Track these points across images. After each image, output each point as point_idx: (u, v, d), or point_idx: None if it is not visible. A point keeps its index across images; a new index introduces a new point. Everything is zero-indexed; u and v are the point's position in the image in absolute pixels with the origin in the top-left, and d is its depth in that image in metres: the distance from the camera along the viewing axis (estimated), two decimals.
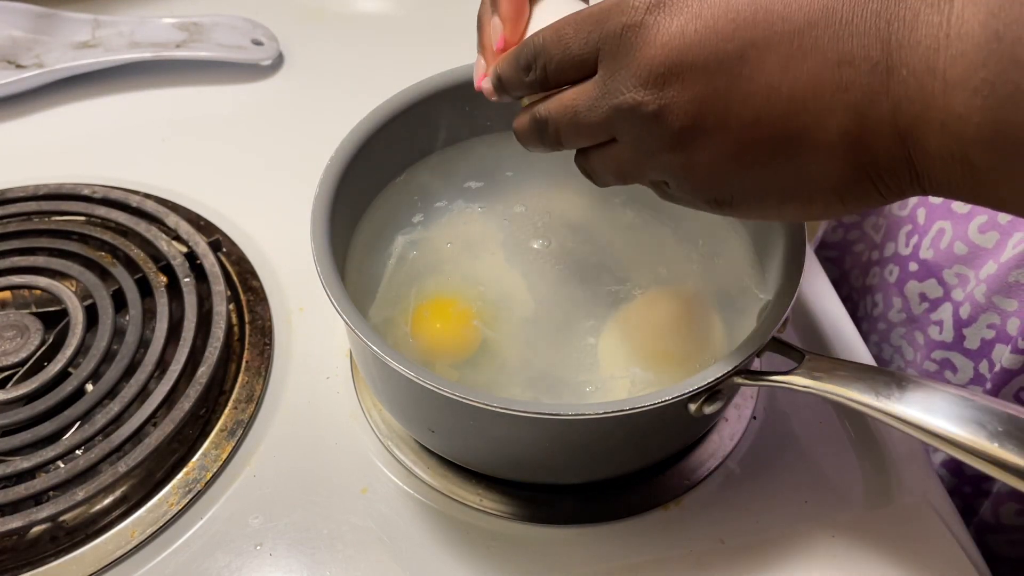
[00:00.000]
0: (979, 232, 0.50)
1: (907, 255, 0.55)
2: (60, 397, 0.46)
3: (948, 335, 0.52)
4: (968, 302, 0.50)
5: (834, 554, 0.43)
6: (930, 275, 0.53)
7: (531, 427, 0.38)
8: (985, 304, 0.49)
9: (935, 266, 0.53)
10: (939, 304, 0.53)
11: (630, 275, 0.46)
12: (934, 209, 0.53)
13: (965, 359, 0.52)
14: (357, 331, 0.37)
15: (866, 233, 0.63)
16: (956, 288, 0.52)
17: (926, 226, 0.53)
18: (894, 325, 0.58)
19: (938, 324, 0.53)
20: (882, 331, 0.59)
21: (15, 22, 0.67)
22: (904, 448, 0.47)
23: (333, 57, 0.70)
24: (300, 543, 0.43)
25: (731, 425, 0.47)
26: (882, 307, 0.59)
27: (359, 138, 0.44)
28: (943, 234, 0.52)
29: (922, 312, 0.55)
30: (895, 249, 0.57)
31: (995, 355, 0.50)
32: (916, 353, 0.56)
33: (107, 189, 0.57)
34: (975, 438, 0.33)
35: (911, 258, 0.55)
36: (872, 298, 0.60)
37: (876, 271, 0.60)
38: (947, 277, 0.52)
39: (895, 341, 0.58)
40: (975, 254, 0.50)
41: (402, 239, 0.47)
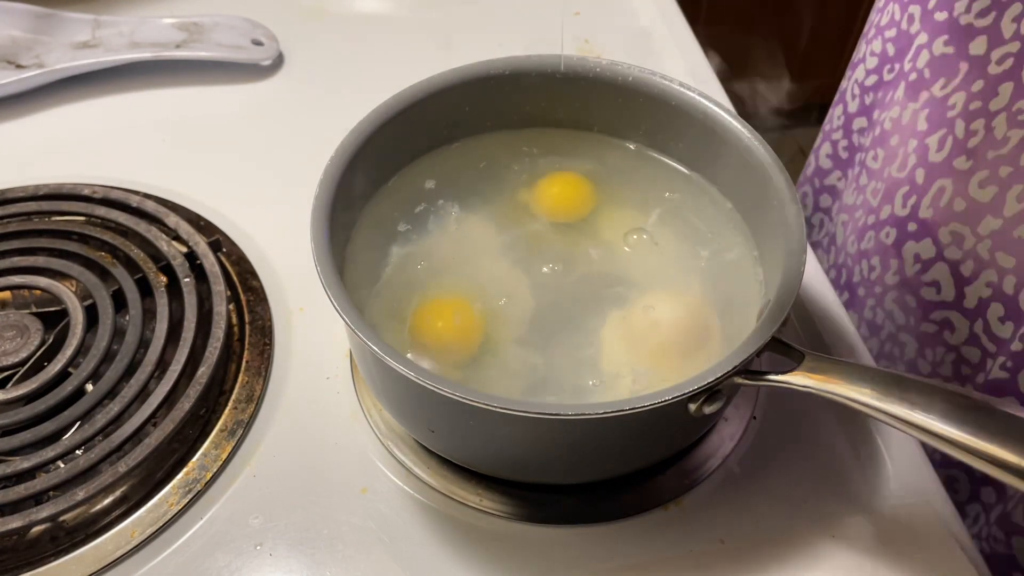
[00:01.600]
0: (979, 187, 0.49)
1: (905, 216, 0.55)
2: (60, 397, 0.46)
3: (949, 294, 0.52)
4: (971, 259, 0.50)
5: (834, 554, 0.43)
6: (927, 235, 0.53)
7: (531, 427, 0.38)
8: (988, 260, 0.49)
9: (933, 225, 0.52)
10: (931, 265, 0.53)
11: (630, 275, 0.46)
12: (934, 168, 0.53)
13: (963, 318, 0.52)
14: (357, 331, 0.37)
15: (866, 199, 0.62)
16: (950, 247, 0.51)
17: (925, 185, 0.53)
18: (889, 288, 0.58)
19: (933, 285, 0.53)
20: (878, 295, 0.59)
21: (15, 22, 0.67)
22: (904, 448, 0.47)
23: (333, 57, 0.70)
24: (300, 543, 0.43)
25: (731, 425, 0.47)
26: (879, 270, 0.59)
27: (359, 138, 0.44)
28: (943, 192, 0.51)
29: (914, 274, 0.54)
30: (891, 211, 0.57)
31: (990, 314, 0.49)
32: (908, 317, 0.56)
33: (107, 189, 0.57)
34: (975, 438, 0.33)
35: (910, 218, 0.55)
36: (868, 262, 0.60)
37: (871, 235, 0.59)
38: (941, 235, 0.52)
39: (887, 305, 0.58)
40: (973, 210, 0.50)
41: (403, 239, 0.47)
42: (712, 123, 0.46)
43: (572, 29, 0.72)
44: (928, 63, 0.53)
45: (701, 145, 0.47)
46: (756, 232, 0.46)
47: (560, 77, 0.48)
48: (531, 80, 0.48)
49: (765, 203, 0.43)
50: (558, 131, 0.51)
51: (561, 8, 0.74)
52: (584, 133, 0.51)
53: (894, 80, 0.58)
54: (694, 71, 0.68)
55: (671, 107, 0.47)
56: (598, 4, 0.74)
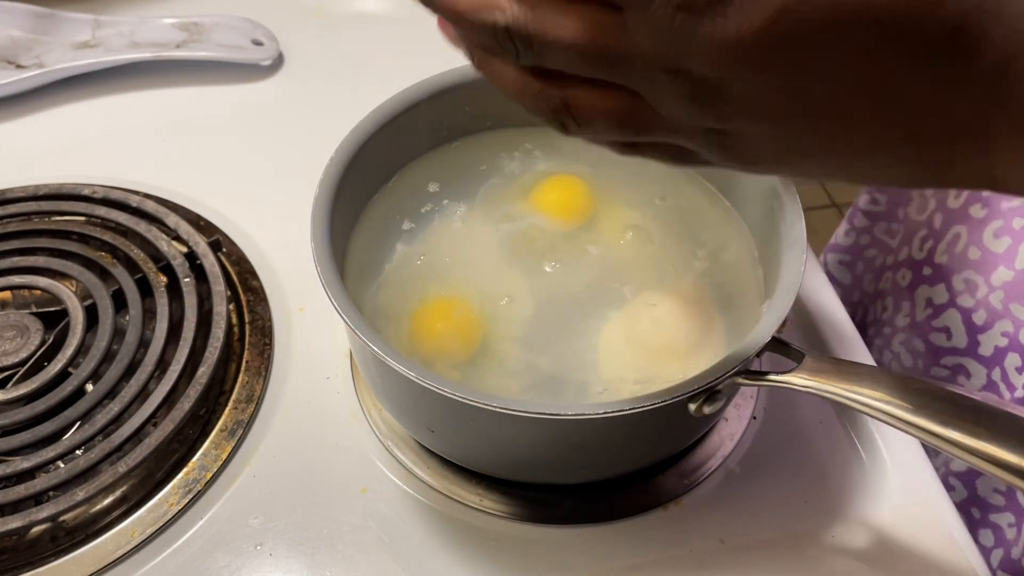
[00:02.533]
0: (993, 237, 0.50)
1: (921, 259, 0.55)
2: (60, 397, 0.46)
3: (961, 340, 0.52)
4: (983, 308, 0.50)
5: (834, 554, 0.43)
6: (941, 280, 0.53)
7: (531, 427, 0.38)
8: (1001, 311, 0.49)
9: (947, 271, 0.52)
10: (943, 311, 0.53)
11: (630, 275, 0.46)
12: (951, 214, 0.53)
13: (979, 365, 0.52)
14: (357, 331, 0.37)
15: (878, 238, 0.63)
16: (963, 294, 0.52)
17: (942, 231, 0.53)
18: (897, 330, 0.58)
19: (943, 331, 0.53)
20: (886, 335, 0.59)
21: (15, 22, 0.67)
22: (904, 448, 0.47)
23: (333, 57, 0.70)
24: (300, 543, 0.43)
25: (731, 425, 0.47)
26: (891, 311, 0.58)
27: (359, 138, 0.44)
28: (958, 239, 0.52)
29: (924, 318, 0.54)
30: (909, 253, 0.57)
31: (1007, 363, 0.49)
32: (916, 360, 0.56)
33: (107, 189, 0.57)
34: (975, 438, 0.33)
35: (925, 262, 0.55)
36: (882, 302, 0.60)
37: (889, 275, 0.59)
38: (956, 283, 0.52)
39: (895, 347, 0.58)
40: (986, 259, 0.50)
41: (402, 239, 0.47)
42: None
43: None
44: None
45: None
46: (756, 232, 0.46)
47: None
48: None
49: (764, 203, 0.43)
50: None
51: None
52: None
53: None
54: None
55: None
56: None
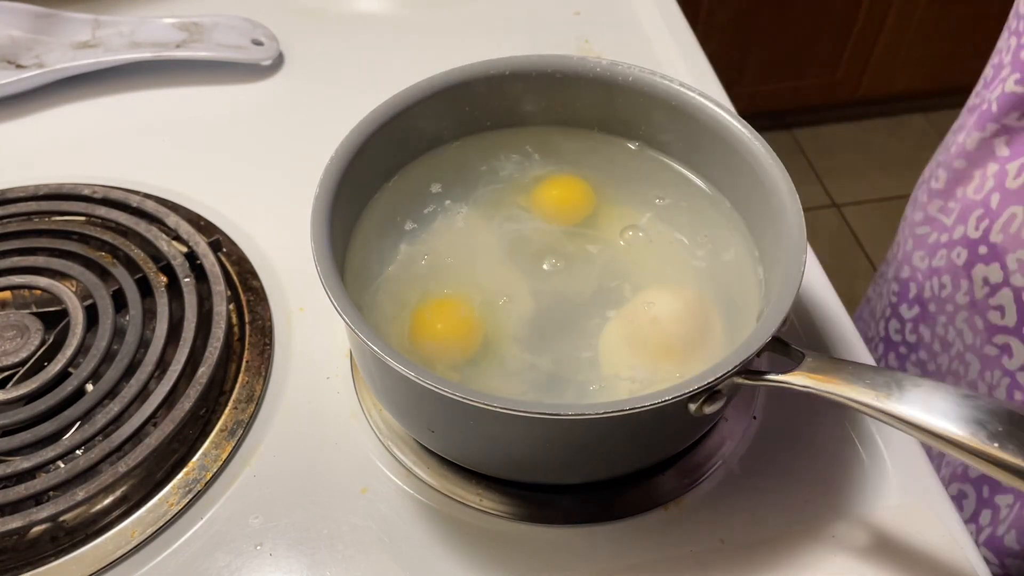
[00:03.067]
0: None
1: (976, 238, 0.56)
2: (60, 397, 0.46)
3: (1011, 319, 0.53)
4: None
5: (834, 554, 0.43)
6: (995, 259, 0.54)
7: (531, 427, 0.38)
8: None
9: (1002, 250, 0.54)
10: (999, 289, 0.54)
11: (630, 274, 0.46)
12: (1008, 194, 0.54)
13: (1022, 344, 0.53)
14: (357, 331, 0.37)
15: (931, 216, 0.63)
16: (1016, 273, 0.53)
17: (998, 210, 0.54)
18: (959, 308, 0.59)
19: (998, 309, 0.54)
20: (949, 312, 0.60)
21: (15, 22, 0.67)
22: (904, 448, 0.47)
23: (333, 57, 0.70)
24: (300, 543, 0.43)
25: (731, 425, 0.47)
26: (950, 289, 0.60)
27: (359, 138, 0.44)
28: (1014, 219, 0.53)
29: (983, 297, 0.56)
30: (964, 232, 0.58)
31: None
32: (976, 337, 0.57)
33: (107, 189, 0.57)
34: (975, 438, 0.33)
35: (981, 241, 0.56)
36: (939, 279, 0.61)
37: (944, 253, 0.60)
38: (1009, 262, 0.53)
39: (959, 324, 0.59)
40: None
41: (402, 239, 0.47)
42: (712, 123, 0.46)
43: (572, 29, 0.72)
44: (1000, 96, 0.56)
45: (701, 145, 0.47)
46: (756, 232, 0.46)
47: (560, 77, 0.48)
48: (531, 80, 0.48)
49: (765, 203, 0.43)
50: (558, 130, 0.51)
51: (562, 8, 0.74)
52: (584, 132, 0.51)
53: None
54: (694, 71, 0.68)
55: (671, 107, 0.47)
56: (598, 4, 0.74)
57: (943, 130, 0.66)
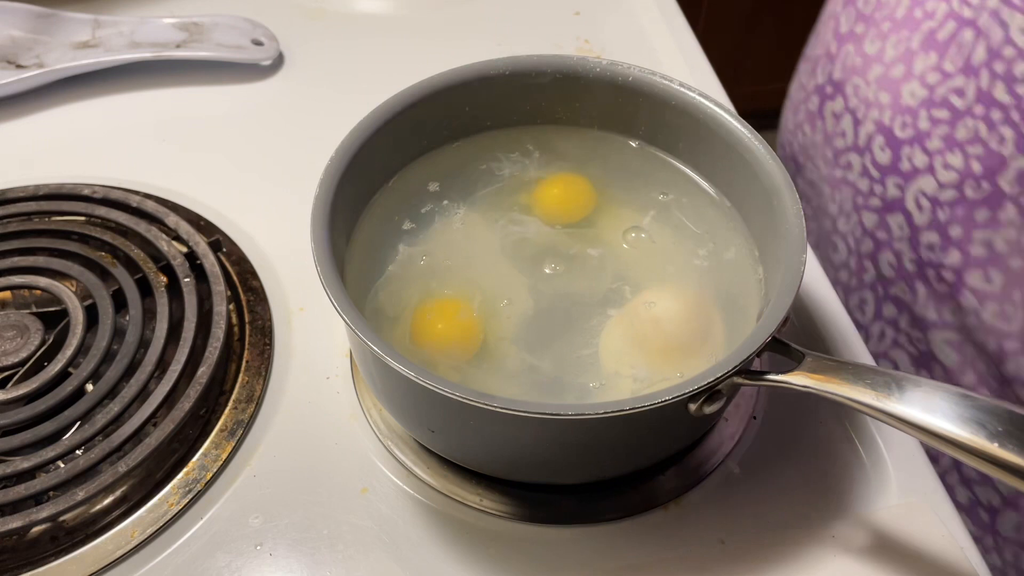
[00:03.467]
0: (870, 44, 0.62)
1: (823, 83, 0.67)
2: (60, 397, 0.46)
3: (850, 139, 0.64)
4: (863, 104, 0.62)
5: (834, 554, 0.43)
6: (839, 93, 0.66)
7: (531, 427, 0.38)
8: (874, 101, 0.61)
9: (841, 83, 0.64)
10: (841, 116, 0.65)
11: (631, 275, 0.46)
12: (843, 38, 0.65)
13: (857, 156, 0.63)
14: (357, 331, 0.37)
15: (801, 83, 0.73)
16: (852, 97, 0.64)
17: (836, 54, 0.65)
18: (816, 146, 0.68)
19: (842, 135, 0.65)
20: (811, 156, 0.70)
21: (15, 22, 0.67)
22: (904, 448, 0.47)
23: (333, 57, 0.70)
24: (300, 543, 0.43)
25: (731, 425, 0.47)
26: (810, 134, 0.70)
27: (359, 138, 0.44)
28: (849, 54, 0.64)
29: (832, 129, 0.66)
30: (816, 83, 0.68)
31: (874, 145, 0.61)
32: (827, 167, 0.66)
33: (107, 189, 0.57)
34: (975, 438, 0.33)
35: (827, 83, 0.67)
36: (802, 131, 0.72)
37: (802, 107, 0.71)
38: (847, 89, 0.64)
39: (817, 162, 0.69)
40: (867, 63, 0.62)
41: (403, 239, 0.47)
42: (712, 123, 0.46)
43: (572, 29, 0.72)
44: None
45: (701, 145, 0.47)
46: (756, 231, 0.46)
47: (560, 77, 0.48)
48: (531, 80, 0.48)
49: (765, 203, 0.43)
50: (558, 130, 0.51)
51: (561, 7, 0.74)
52: (584, 132, 0.51)
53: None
54: (694, 71, 0.68)
55: (671, 107, 0.47)
56: (598, 4, 0.75)
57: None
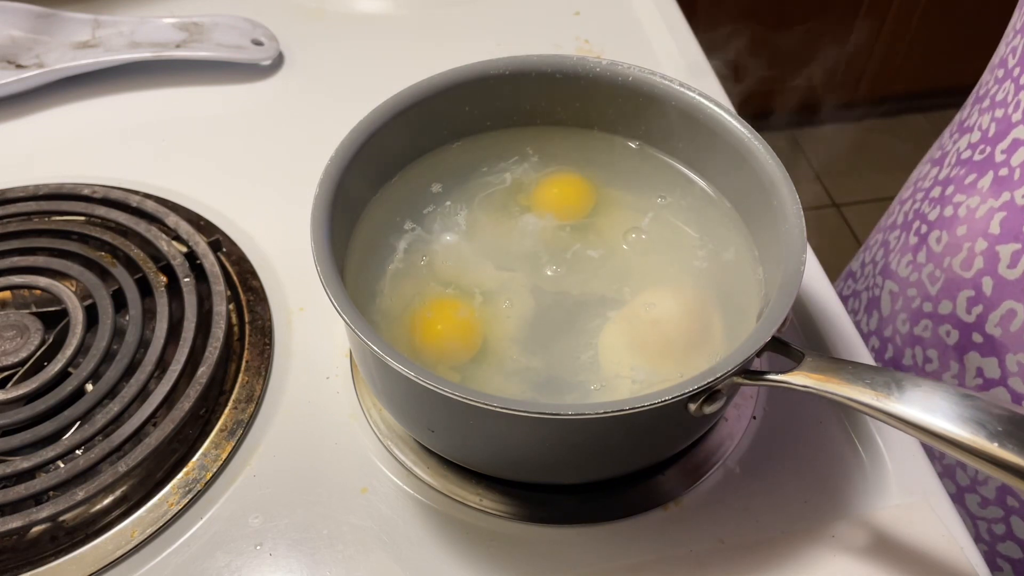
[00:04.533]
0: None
1: (970, 323, 0.51)
2: (60, 397, 0.46)
3: None
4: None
5: (834, 554, 0.43)
6: (993, 354, 0.50)
7: (531, 427, 0.38)
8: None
9: (1000, 347, 0.49)
10: (993, 385, 0.50)
11: (630, 275, 0.46)
12: (1003, 284, 0.49)
13: None
14: (357, 331, 0.37)
15: (921, 280, 0.57)
16: (1014, 376, 0.49)
17: (993, 299, 0.49)
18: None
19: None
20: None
21: (15, 22, 0.67)
22: (904, 448, 0.47)
23: (333, 57, 0.70)
24: (300, 543, 0.43)
25: (731, 425, 0.47)
26: (936, 365, 0.55)
27: (359, 138, 0.44)
28: (1013, 316, 0.48)
29: (974, 387, 0.52)
30: (952, 309, 0.53)
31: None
32: None
33: (107, 189, 0.57)
34: (975, 438, 0.33)
35: (975, 328, 0.51)
36: (924, 352, 0.56)
37: (928, 324, 0.55)
38: (1009, 363, 0.49)
39: None
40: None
41: (403, 239, 0.47)
42: (712, 123, 0.46)
43: (572, 29, 0.72)
44: (1022, 164, 0.48)
45: (701, 145, 0.47)
46: (756, 231, 0.46)
47: (560, 77, 0.48)
48: (531, 80, 0.48)
49: (764, 202, 0.43)
50: (558, 130, 0.51)
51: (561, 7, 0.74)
52: (584, 132, 0.51)
53: (983, 164, 0.52)
54: (694, 71, 0.68)
55: (671, 107, 0.47)
56: (598, 4, 0.74)
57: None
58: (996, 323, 0.50)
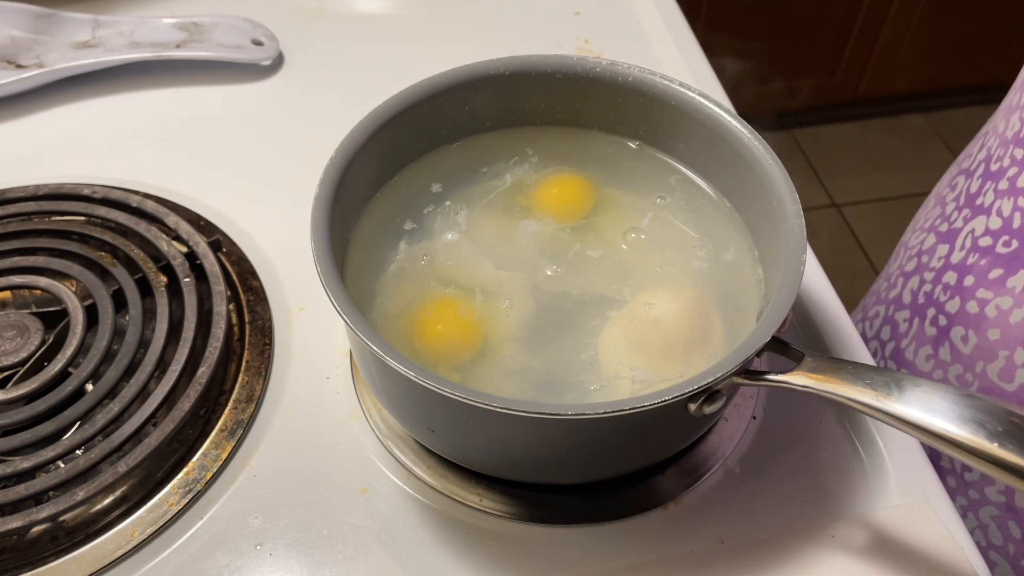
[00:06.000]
0: None
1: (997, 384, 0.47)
2: (60, 397, 0.46)
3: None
4: None
5: (834, 554, 0.43)
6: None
7: (531, 427, 0.38)
8: None
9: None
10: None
11: (630, 275, 0.46)
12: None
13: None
14: (357, 331, 0.37)
15: (948, 380, 0.52)
16: None
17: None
18: (993, 504, 0.51)
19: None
20: (974, 500, 0.52)
21: (15, 22, 0.67)
22: (904, 448, 0.47)
23: (333, 57, 0.70)
24: (300, 543, 0.43)
25: (731, 425, 0.47)
26: (979, 477, 0.52)
27: (359, 138, 0.44)
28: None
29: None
30: (984, 369, 0.49)
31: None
32: (1008, 543, 0.50)
33: (107, 189, 0.57)
34: (975, 438, 0.33)
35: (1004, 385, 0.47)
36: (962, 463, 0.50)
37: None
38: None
39: (984, 518, 0.52)
40: None
41: (403, 239, 0.47)
42: (712, 123, 0.46)
43: (572, 29, 0.72)
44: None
45: (701, 145, 0.47)
46: (756, 232, 0.46)
47: (560, 77, 0.48)
48: (531, 80, 0.48)
49: (764, 203, 0.43)
50: (558, 130, 0.51)
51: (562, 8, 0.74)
52: (584, 132, 0.51)
53: (1011, 259, 0.45)
54: (694, 71, 0.68)
55: (671, 107, 0.47)
56: (598, 4, 0.74)
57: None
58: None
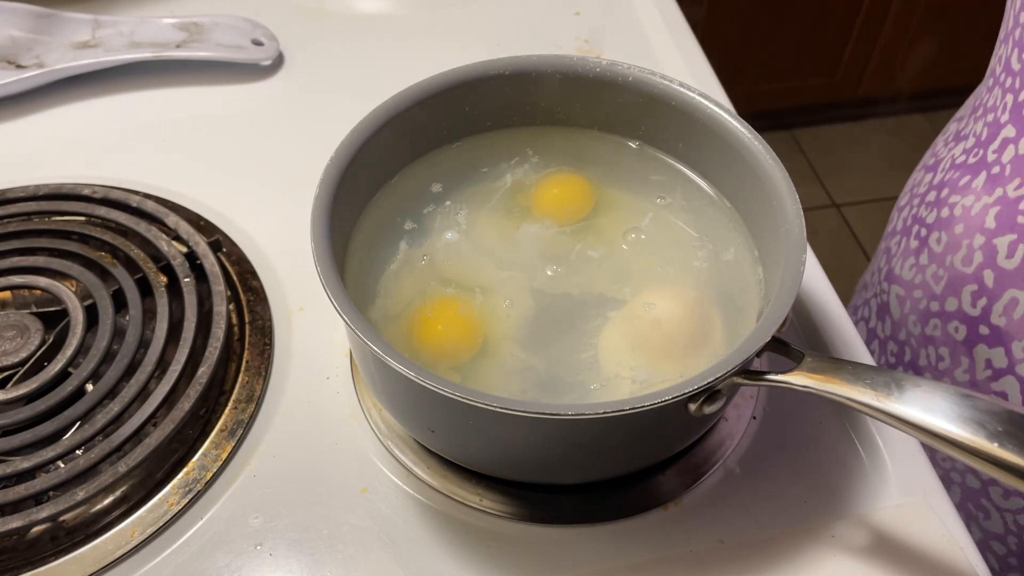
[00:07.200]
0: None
1: (976, 316, 0.53)
2: (60, 397, 0.46)
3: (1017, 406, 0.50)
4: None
5: (834, 554, 0.43)
6: (1000, 343, 0.51)
7: (531, 427, 0.38)
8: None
9: (1006, 335, 0.51)
10: (1002, 375, 0.51)
11: (630, 275, 0.46)
12: (1004, 275, 0.50)
13: None
14: (357, 331, 0.37)
15: (926, 281, 0.59)
16: (1021, 363, 0.50)
17: (996, 291, 0.51)
18: (959, 384, 0.56)
19: (1001, 394, 0.52)
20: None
21: (15, 22, 0.67)
22: (904, 448, 0.47)
23: (333, 57, 0.70)
24: (300, 543, 0.43)
25: (731, 425, 0.47)
26: (948, 362, 0.56)
27: (359, 138, 0.44)
28: (1016, 304, 0.50)
29: (984, 379, 0.53)
30: (958, 306, 0.54)
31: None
32: None
33: (107, 189, 0.57)
34: (975, 438, 0.33)
35: (981, 320, 0.52)
36: (936, 351, 0.57)
37: (937, 323, 0.57)
38: (1015, 350, 0.50)
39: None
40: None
41: (403, 239, 0.47)
42: (712, 123, 0.46)
43: (572, 29, 0.72)
44: (1012, 160, 0.50)
45: (701, 145, 0.47)
46: (756, 232, 0.46)
47: (560, 77, 0.48)
48: (531, 80, 0.48)
49: (764, 203, 0.43)
50: (558, 130, 0.51)
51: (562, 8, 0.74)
52: (584, 132, 0.51)
53: (975, 166, 0.54)
54: (694, 71, 0.68)
55: (671, 107, 0.47)
56: (598, 4, 0.75)
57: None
58: (1000, 313, 0.51)
